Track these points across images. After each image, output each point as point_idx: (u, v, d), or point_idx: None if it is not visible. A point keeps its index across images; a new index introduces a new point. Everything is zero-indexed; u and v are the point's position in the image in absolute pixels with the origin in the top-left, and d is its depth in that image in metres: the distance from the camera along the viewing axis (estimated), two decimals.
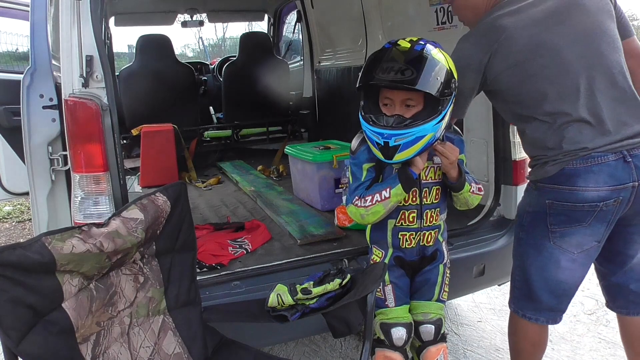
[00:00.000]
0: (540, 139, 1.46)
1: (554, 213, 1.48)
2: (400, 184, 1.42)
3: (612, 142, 1.39)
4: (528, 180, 1.60)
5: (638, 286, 1.62)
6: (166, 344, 1.32)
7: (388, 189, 1.43)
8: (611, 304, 1.69)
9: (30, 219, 4.57)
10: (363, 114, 1.44)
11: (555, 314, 1.61)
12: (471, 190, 1.55)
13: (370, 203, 1.44)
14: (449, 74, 1.38)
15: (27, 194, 3.69)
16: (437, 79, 1.35)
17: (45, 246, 1.02)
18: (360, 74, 1.44)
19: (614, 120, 1.41)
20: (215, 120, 4.40)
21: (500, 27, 1.44)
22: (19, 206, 4.91)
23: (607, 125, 1.39)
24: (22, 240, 4.11)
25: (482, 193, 1.60)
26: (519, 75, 1.44)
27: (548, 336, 1.69)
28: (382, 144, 1.38)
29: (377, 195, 1.43)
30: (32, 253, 0.99)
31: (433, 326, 1.55)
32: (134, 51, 3.70)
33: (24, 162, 3.40)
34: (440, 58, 1.39)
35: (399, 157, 1.39)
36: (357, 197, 1.47)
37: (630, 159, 1.39)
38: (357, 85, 1.43)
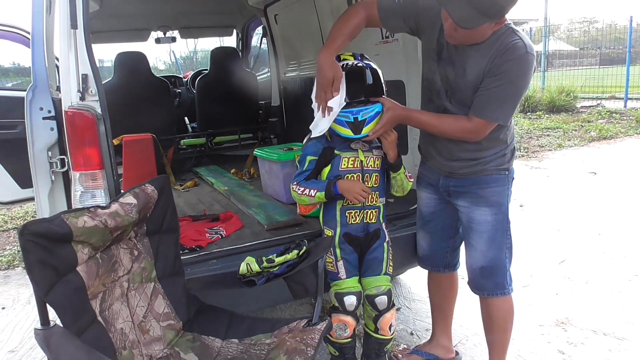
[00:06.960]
0: None
1: None
2: (324, 192, 1.81)
3: None
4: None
5: None
6: (157, 305, 1.62)
7: (315, 191, 1.83)
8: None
9: (14, 228, 4.74)
10: None
11: None
12: (406, 174, 1.94)
13: (301, 193, 1.85)
14: None
15: (11, 202, 3.88)
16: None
17: (64, 221, 1.30)
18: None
19: None
20: (190, 130, 4.67)
21: None
22: (1, 216, 5.03)
23: None
24: (7, 248, 4.27)
25: (412, 180, 1.98)
26: None
27: None
28: (353, 120, 1.77)
29: (307, 190, 1.84)
30: (54, 226, 1.27)
31: (385, 296, 1.91)
32: (112, 66, 3.95)
33: (7, 171, 3.62)
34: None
35: (366, 130, 1.78)
36: (296, 183, 1.86)
37: None
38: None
